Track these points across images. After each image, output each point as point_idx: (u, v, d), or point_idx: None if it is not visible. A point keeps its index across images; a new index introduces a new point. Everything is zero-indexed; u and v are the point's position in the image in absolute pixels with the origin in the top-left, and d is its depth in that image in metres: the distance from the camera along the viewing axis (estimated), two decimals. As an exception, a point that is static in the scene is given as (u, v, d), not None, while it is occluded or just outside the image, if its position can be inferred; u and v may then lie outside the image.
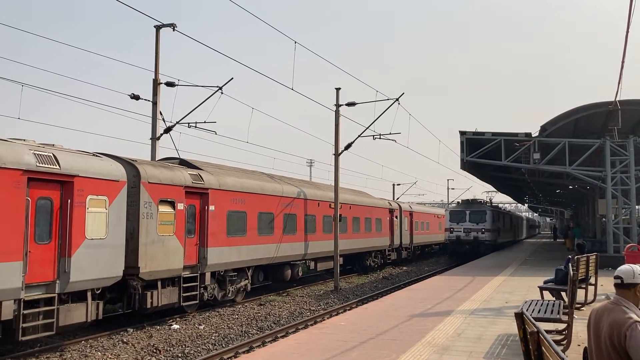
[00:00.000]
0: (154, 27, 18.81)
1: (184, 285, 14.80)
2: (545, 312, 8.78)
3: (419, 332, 9.46)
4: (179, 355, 11.61)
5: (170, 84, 19.27)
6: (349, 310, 16.38)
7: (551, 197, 54.57)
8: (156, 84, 18.95)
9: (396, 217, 33.92)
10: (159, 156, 18.77)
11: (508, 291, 14.92)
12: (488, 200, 45.95)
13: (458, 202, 38.53)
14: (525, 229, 76.78)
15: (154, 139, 18.86)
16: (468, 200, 38.49)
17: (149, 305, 13.51)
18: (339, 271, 22.35)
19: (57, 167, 10.98)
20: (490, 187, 48.31)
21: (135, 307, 13.37)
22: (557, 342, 8.35)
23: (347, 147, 23.40)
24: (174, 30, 18.28)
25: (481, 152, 25.40)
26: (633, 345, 3.60)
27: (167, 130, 19.28)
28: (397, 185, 55.92)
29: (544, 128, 24.37)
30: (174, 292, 14.48)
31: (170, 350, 11.94)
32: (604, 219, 27.49)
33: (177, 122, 19.42)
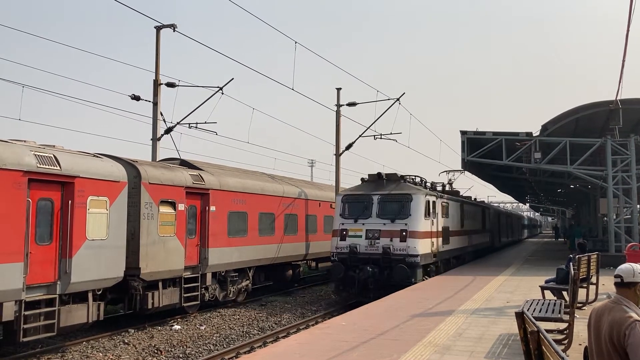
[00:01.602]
0: (155, 27, 18.83)
1: (185, 285, 14.80)
2: (546, 312, 8.77)
3: (420, 332, 9.45)
4: (180, 355, 11.61)
5: (170, 85, 19.28)
6: (350, 310, 16.35)
7: (552, 196, 54.52)
8: (157, 84, 18.96)
9: None
10: (159, 157, 18.79)
11: (509, 291, 14.90)
12: (448, 183, 27.24)
13: (362, 180, 19.66)
14: (523, 229, 69.30)
15: (155, 139, 18.88)
16: (379, 174, 19.25)
17: (150, 306, 13.51)
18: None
19: (58, 168, 10.99)
20: (455, 168, 34.68)
21: (136, 307, 13.37)
22: (559, 342, 8.34)
23: (348, 147, 23.41)
24: (174, 31, 18.31)
25: (482, 152, 25.38)
26: (632, 344, 3.60)
27: (168, 130, 19.30)
28: (398, 185, 55.63)
29: (544, 127, 24.35)
30: (175, 292, 14.48)
31: (171, 351, 11.94)
32: (605, 218, 27.46)
33: (178, 123, 19.44)
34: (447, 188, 25.69)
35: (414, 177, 20.02)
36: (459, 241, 23.78)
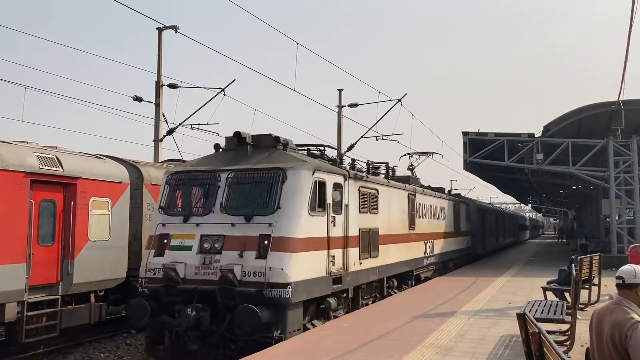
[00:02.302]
0: (157, 29, 18.86)
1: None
2: (548, 313, 8.76)
3: (422, 333, 9.44)
4: (182, 356, 11.61)
5: (172, 86, 19.31)
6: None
7: (555, 197, 54.50)
8: (159, 85, 18.99)
9: None
10: (161, 158, 18.81)
11: (511, 292, 14.89)
12: (409, 168, 20.69)
13: (217, 146, 11.23)
14: (523, 230, 63.18)
15: (157, 140, 18.91)
16: (238, 134, 10.58)
17: (152, 307, 13.51)
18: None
19: (60, 169, 11.01)
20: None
21: (138, 308, 13.36)
22: (561, 343, 8.34)
23: (350, 148, 23.40)
24: (176, 32, 18.34)
25: (484, 153, 25.38)
26: (633, 345, 3.60)
27: (170, 132, 19.32)
28: (400, 186, 55.38)
29: (546, 128, 24.37)
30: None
31: (173, 351, 11.94)
32: (607, 219, 27.45)
33: (180, 124, 19.46)
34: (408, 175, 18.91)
35: (321, 148, 11.99)
36: (403, 251, 15.61)
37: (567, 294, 10.97)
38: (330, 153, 12.74)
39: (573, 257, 12.11)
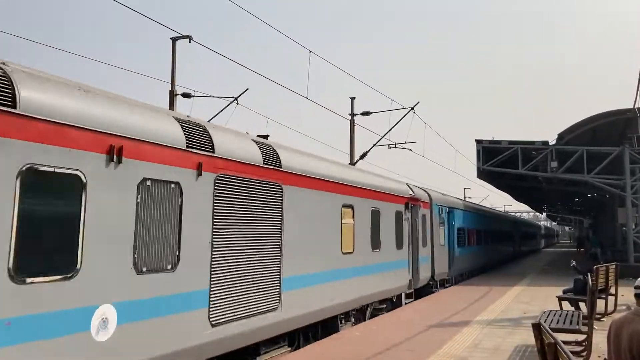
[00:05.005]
0: (171, 39, 19.02)
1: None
2: (564, 323, 8.64)
3: (436, 342, 9.37)
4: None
5: (186, 95, 19.45)
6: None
7: (570, 205, 53.93)
8: (172, 95, 19.14)
9: None
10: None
11: (526, 301, 14.73)
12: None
13: None
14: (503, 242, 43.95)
15: (170, 149, 19.01)
16: None
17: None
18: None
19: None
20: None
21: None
22: (577, 354, 8.22)
23: (362, 156, 23.37)
24: (190, 42, 18.47)
25: (497, 161, 25.22)
26: (652, 357, 3.53)
27: (183, 140, 19.42)
28: (413, 194, 55.21)
29: (561, 136, 24.16)
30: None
31: None
32: (624, 228, 27.09)
33: (193, 133, 19.55)
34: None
35: None
36: None
37: (582, 304, 10.82)
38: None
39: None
